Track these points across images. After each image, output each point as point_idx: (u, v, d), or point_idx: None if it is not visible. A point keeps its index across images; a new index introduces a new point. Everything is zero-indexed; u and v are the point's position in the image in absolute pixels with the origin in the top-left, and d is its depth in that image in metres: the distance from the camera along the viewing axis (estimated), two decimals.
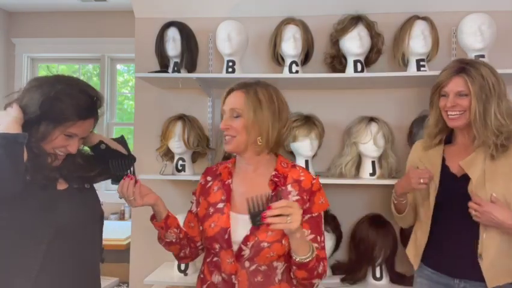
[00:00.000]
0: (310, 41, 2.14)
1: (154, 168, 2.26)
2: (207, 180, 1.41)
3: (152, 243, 2.34)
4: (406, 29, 2.04)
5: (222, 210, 1.31)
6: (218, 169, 1.41)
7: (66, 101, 1.20)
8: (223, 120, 1.33)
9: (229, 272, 1.26)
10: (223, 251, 1.27)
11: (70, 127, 1.22)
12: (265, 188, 1.29)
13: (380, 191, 2.15)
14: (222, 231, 1.27)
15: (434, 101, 1.55)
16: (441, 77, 1.51)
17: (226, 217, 1.29)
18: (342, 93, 2.25)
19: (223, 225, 1.28)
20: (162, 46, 2.18)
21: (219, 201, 1.33)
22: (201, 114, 2.28)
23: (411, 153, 1.72)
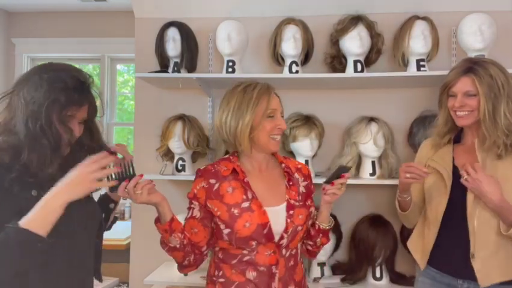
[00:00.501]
0: (310, 41, 2.14)
1: (154, 168, 2.26)
2: (211, 182, 1.37)
3: (152, 243, 2.34)
4: (406, 29, 2.04)
5: (249, 208, 1.32)
6: (219, 170, 1.38)
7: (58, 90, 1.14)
8: (278, 119, 1.37)
9: (269, 263, 1.32)
10: (261, 245, 1.31)
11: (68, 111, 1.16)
12: (280, 181, 1.43)
13: (380, 191, 2.15)
14: (260, 227, 1.30)
15: (443, 100, 1.54)
16: (450, 77, 1.50)
17: (261, 213, 1.31)
18: (342, 93, 2.25)
19: (261, 221, 1.30)
20: (162, 46, 2.18)
21: (241, 200, 1.33)
22: (201, 114, 2.28)
23: (419, 151, 1.69)
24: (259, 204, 1.33)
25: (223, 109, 1.39)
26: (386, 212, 2.10)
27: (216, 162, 1.44)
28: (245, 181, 1.36)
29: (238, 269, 1.33)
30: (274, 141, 1.38)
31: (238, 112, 1.34)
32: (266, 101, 1.35)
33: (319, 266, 2.09)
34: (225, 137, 1.39)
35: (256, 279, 1.31)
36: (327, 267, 2.11)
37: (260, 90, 1.36)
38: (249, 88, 1.38)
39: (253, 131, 1.34)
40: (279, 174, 1.46)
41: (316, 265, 2.09)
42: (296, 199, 1.40)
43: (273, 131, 1.36)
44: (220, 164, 1.41)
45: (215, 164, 1.42)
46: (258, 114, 1.33)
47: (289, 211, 1.37)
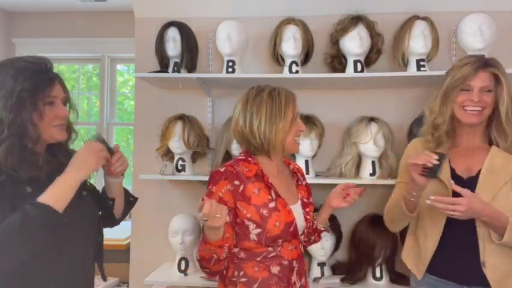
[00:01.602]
0: (310, 41, 2.14)
1: (154, 168, 2.26)
2: (236, 184, 1.35)
3: (152, 243, 2.35)
4: (406, 29, 2.04)
5: (276, 207, 1.36)
6: (241, 171, 1.37)
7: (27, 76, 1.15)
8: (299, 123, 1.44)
9: (292, 258, 1.39)
10: (286, 242, 1.38)
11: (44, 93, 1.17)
12: (291, 181, 1.52)
13: (380, 191, 2.15)
14: (288, 226, 1.36)
15: (451, 97, 1.46)
16: (465, 71, 1.43)
17: (286, 212, 1.37)
18: (342, 93, 2.25)
19: (287, 219, 1.37)
20: (162, 46, 2.18)
21: (268, 201, 1.36)
22: (201, 114, 2.28)
23: (407, 152, 1.62)
24: (284, 203, 1.39)
25: (254, 115, 1.39)
26: None
27: (233, 162, 1.42)
28: (270, 182, 1.39)
29: (264, 264, 1.36)
30: (297, 144, 1.45)
31: (271, 119, 1.37)
32: (293, 107, 1.41)
33: (319, 266, 2.09)
34: (257, 142, 1.39)
35: (280, 273, 1.36)
36: (327, 267, 2.11)
37: (286, 96, 1.42)
38: (274, 93, 1.41)
39: (284, 136, 1.40)
40: (289, 174, 1.54)
41: (316, 265, 2.09)
42: (306, 197, 1.53)
43: (297, 134, 1.44)
44: (240, 165, 1.40)
45: (233, 164, 1.40)
46: (287, 120, 1.39)
47: (305, 208, 1.48)
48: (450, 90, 1.47)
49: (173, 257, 2.17)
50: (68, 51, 4.38)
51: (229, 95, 2.32)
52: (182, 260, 2.10)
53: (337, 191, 1.55)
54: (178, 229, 2.05)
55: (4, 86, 1.14)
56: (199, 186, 2.26)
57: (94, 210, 1.37)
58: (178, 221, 2.08)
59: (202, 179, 2.11)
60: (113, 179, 1.41)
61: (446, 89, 1.48)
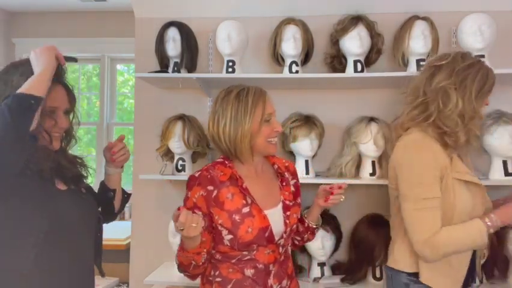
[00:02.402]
0: (310, 41, 2.14)
1: (154, 168, 2.26)
2: (209, 189, 1.34)
3: (152, 243, 2.35)
4: (406, 29, 2.04)
5: (250, 213, 1.32)
6: (215, 175, 1.35)
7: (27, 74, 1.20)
8: (274, 123, 1.38)
9: (268, 262, 1.35)
10: (261, 247, 1.34)
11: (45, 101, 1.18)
12: (273, 182, 1.46)
13: (380, 191, 2.15)
14: (262, 231, 1.32)
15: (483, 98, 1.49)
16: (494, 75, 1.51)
17: (261, 217, 1.33)
18: (342, 93, 2.25)
19: (262, 225, 1.32)
20: (162, 46, 2.18)
21: (241, 206, 1.33)
22: (201, 114, 2.28)
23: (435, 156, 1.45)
24: (259, 208, 1.34)
25: (219, 117, 1.36)
26: (386, 212, 2.10)
27: (209, 166, 1.41)
28: (244, 187, 1.36)
29: (237, 267, 1.34)
30: (272, 145, 1.39)
31: (236, 121, 1.33)
32: (262, 107, 1.36)
33: (319, 266, 2.09)
34: (224, 146, 1.36)
35: (254, 275, 1.34)
36: (327, 267, 2.11)
37: (254, 96, 1.36)
38: (242, 94, 1.36)
39: (252, 137, 1.35)
40: (273, 175, 1.48)
41: (316, 265, 2.09)
42: (290, 199, 1.45)
43: (270, 135, 1.38)
44: (216, 169, 1.38)
45: (209, 168, 1.39)
46: (256, 121, 1.34)
47: (286, 212, 1.41)
48: (486, 92, 1.50)
49: (173, 257, 2.16)
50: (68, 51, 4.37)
51: None
52: None
53: (322, 191, 1.50)
54: None
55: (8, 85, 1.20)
56: None
57: (94, 208, 1.39)
58: None
59: None
60: (114, 169, 1.48)
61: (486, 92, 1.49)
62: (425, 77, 1.54)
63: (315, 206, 1.53)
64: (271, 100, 1.42)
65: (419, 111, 1.52)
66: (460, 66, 1.47)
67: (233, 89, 1.40)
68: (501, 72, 1.88)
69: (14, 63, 1.28)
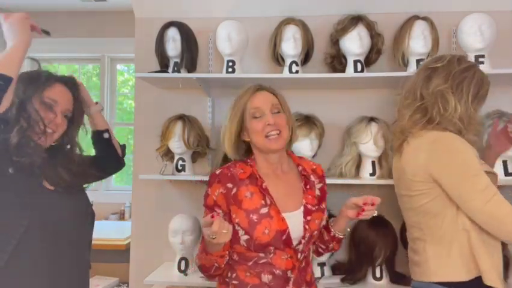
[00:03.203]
0: (310, 41, 2.14)
1: (154, 168, 2.26)
2: (228, 187, 1.33)
3: (152, 243, 2.35)
4: (406, 29, 2.04)
5: (268, 214, 1.29)
6: (236, 173, 1.36)
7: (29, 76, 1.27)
8: (266, 116, 1.34)
9: (285, 267, 1.31)
10: (279, 250, 1.30)
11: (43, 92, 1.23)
12: (297, 184, 1.40)
13: (380, 191, 2.14)
14: (279, 234, 1.28)
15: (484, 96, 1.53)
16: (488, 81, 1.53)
17: (279, 219, 1.29)
18: (342, 93, 2.25)
19: (279, 227, 1.28)
20: (162, 46, 2.18)
21: (259, 206, 1.30)
22: (201, 114, 2.28)
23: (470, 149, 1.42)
24: (278, 210, 1.31)
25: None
26: (386, 212, 2.10)
27: (231, 164, 1.40)
28: (263, 187, 1.33)
29: (254, 271, 1.31)
30: (270, 140, 1.34)
31: (228, 118, 1.38)
32: (247, 102, 1.36)
33: (319, 266, 2.09)
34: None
35: (272, 282, 1.30)
36: (327, 267, 2.11)
37: (243, 92, 1.38)
38: (242, 91, 1.41)
39: (249, 135, 1.36)
40: (296, 176, 1.43)
41: (316, 265, 2.09)
42: (313, 203, 1.39)
43: (265, 130, 1.33)
44: (237, 167, 1.37)
45: (230, 166, 1.38)
46: (246, 118, 1.35)
47: (307, 216, 1.35)
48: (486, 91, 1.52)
49: (173, 257, 2.17)
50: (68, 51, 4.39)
51: (229, 95, 2.29)
52: (182, 260, 2.10)
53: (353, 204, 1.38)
54: (178, 229, 2.05)
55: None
56: (199, 186, 2.26)
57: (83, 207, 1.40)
58: (178, 221, 2.08)
59: (202, 179, 2.10)
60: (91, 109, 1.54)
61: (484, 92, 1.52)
62: (421, 79, 1.53)
63: (343, 217, 1.42)
64: (268, 94, 1.40)
65: (421, 115, 1.50)
66: (456, 70, 1.47)
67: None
68: (501, 72, 1.88)
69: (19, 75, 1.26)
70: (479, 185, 1.34)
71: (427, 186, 1.43)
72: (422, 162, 1.43)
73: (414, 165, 1.46)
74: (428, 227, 1.46)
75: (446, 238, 1.42)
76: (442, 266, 1.42)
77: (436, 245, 1.44)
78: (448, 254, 1.41)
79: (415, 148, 1.48)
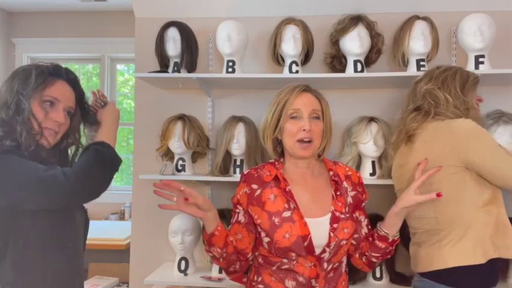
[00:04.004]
0: (310, 41, 2.14)
1: (154, 168, 2.26)
2: (253, 188, 1.33)
3: (152, 243, 2.35)
4: (406, 29, 2.04)
5: (291, 218, 1.26)
6: (262, 175, 1.35)
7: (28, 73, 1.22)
8: (303, 120, 1.29)
9: (309, 276, 1.26)
10: (301, 257, 1.26)
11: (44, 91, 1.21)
12: (326, 190, 1.34)
13: (380, 191, 2.15)
14: (300, 240, 1.24)
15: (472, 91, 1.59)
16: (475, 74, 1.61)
17: (302, 225, 1.25)
18: (342, 93, 2.25)
19: (301, 233, 1.24)
20: (162, 46, 2.18)
21: (282, 209, 1.27)
22: (201, 114, 2.28)
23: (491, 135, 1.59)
24: (301, 215, 1.26)
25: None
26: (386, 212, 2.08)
27: (260, 166, 1.39)
28: (287, 190, 1.29)
29: (278, 276, 1.29)
30: (300, 146, 1.29)
31: (268, 113, 1.35)
32: (288, 100, 1.30)
33: None
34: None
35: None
36: None
37: (288, 89, 1.34)
38: (285, 88, 1.36)
39: (281, 134, 1.33)
40: (326, 182, 1.37)
41: None
42: (342, 211, 1.31)
43: (298, 134, 1.29)
44: (264, 169, 1.36)
45: (258, 168, 1.38)
46: (284, 115, 1.31)
47: (333, 224, 1.28)
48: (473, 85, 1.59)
49: (173, 257, 2.17)
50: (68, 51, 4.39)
51: (229, 95, 2.32)
52: (182, 260, 2.11)
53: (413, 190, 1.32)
54: (178, 229, 2.05)
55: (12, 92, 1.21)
56: (199, 186, 2.26)
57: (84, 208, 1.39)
58: (178, 221, 2.08)
59: (202, 179, 2.11)
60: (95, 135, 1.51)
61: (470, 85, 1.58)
62: (409, 92, 1.67)
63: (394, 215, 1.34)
64: (309, 97, 1.33)
65: (416, 113, 1.57)
66: (436, 72, 1.59)
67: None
68: (501, 72, 1.88)
69: (15, 70, 1.26)
70: (504, 154, 1.45)
71: (451, 171, 1.45)
72: (449, 149, 1.45)
73: (436, 152, 1.47)
74: (444, 215, 1.48)
75: (463, 223, 1.45)
76: (459, 251, 1.44)
77: (452, 231, 1.46)
78: (465, 238, 1.43)
79: (432, 137, 1.50)
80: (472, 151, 1.43)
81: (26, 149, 1.15)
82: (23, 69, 1.24)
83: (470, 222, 1.44)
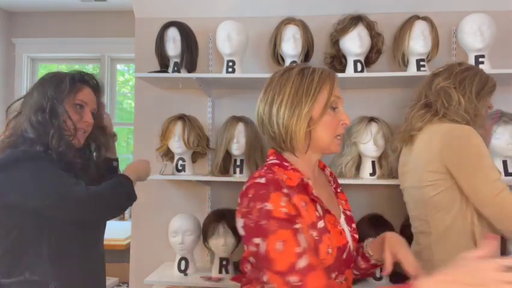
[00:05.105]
0: (310, 41, 2.14)
1: (154, 168, 2.25)
2: (286, 193, 0.99)
3: (152, 243, 2.35)
4: (406, 29, 2.04)
5: (325, 228, 1.03)
6: (281, 180, 1.01)
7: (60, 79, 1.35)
8: (343, 114, 1.11)
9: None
10: (340, 275, 1.06)
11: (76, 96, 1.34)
12: (328, 187, 1.20)
13: (380, 191, 2.15)
14: (340, 252, 1.04)
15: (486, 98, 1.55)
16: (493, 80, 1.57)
17: (337, 232, 1.05)
18: (342, 93, 2.22)
19: (339, 243, 1.04)
20: (162, 46, 2.18)
21: (316, 219, 1.02)
22: (201, 114, 2.28)
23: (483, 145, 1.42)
24: (334, 220, 1.06)
25: (275, 95, 1.08)
26: (386, 212, 2.10)
27: (266, 168, 1.08)
28: (315, 195, 1.05)
29: None
30: (338, 141, 1.11)
31: (295, 99, 1.04)
32: (329, 87, 1.07)
33: None
34: (273, 130, 1.08)
35: None
36: None
37: (322, 74, 1.08)
38: (307, 70, 1.08)
39: (312, 124, 1.06)
40: (326, 179, 1.22)
41: None
42: (349, 209, 1.19)
43: (338, 129, 1.10)
44: (277, 172, 1.06)
45: (267, 170, 1.06)
46: (319, 104, 1.06)
47: (352, 224, 1.15)
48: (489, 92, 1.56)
49: (173, 257, 2.17)
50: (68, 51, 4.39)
51: (229, 95, 2.32)
52: (182, 260, 2.11)
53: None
54: (178, 229, 2.05)
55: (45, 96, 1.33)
56: (199, 186, 2.26)
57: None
58: (178, 221, 2.08)
59: (202, 179, 2.11)
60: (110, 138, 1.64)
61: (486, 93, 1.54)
62: (425, 83, 1.60)
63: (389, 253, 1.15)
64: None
65: (425, 110, 1.54)
66: (457, 70, 1.54)
67: (295, 66, 1.12)
68: (501, 72, 1.88)
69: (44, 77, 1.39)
70: (490, 177, 1.35)
71: (439, 177, 1.42)
72: (436, 153, 1.42)
73: (428, 155, 1.45)
74: (434, 220, 1.46)
75: (453, 232, 1.42)
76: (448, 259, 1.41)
77: (441, 239, 1.44)
78: (454, 248, 1.41)
79: (428, 139, 1.48)
80: (451, 160, 1.39)
81: (55, 151, 1.25)
82: (52, 75, 1.37)
83: (459, 231, 1.42)
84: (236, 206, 1.02)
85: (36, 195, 1.18)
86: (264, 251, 0.92)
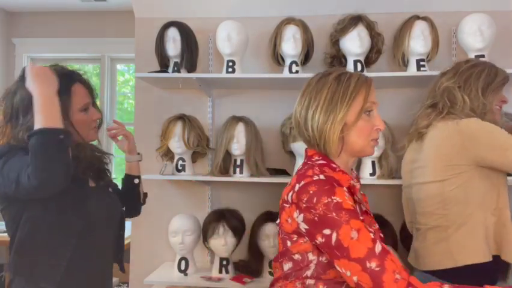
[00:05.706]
0: (310, 41, 2.14)
1: (154, 168, 2.26)
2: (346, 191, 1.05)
3: (152, 243, 2.35)
4: (406, 29, 2.04)
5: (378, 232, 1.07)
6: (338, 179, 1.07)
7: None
8: (378, 119, 1.14)
9: None
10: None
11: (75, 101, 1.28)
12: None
13: (380, 191, 2.15)
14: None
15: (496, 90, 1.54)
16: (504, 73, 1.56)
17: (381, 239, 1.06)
18: None
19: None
20: (162, 46, 2.18)
21: (368, 223, 1.06)
22: (201, 114, 2.28)
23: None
24: (370, 220, 1.10)
25: (312, 99, 1.12)
26: (386, 212, 2.10)
27: (317, 168, 1.10)
28: (359, 197, 1.09)
29: None
30: (373, 144, 1.14)
31: (331, 105, 1.09)
32: (365, 93, 1.12)
33: None
34: (308, 134, 1.12)
35: None
36: None
37: (358, 80, 1.13)
38: (343, 77, 1.13)
39: (346, 129, 1.10)
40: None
41: None
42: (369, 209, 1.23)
43: (371, 134, 1.13)
44: (328, 172, 1.09)
45: (320, 169, 1.09)
46: (354, 109, 1.10)
47: (375, 224, 1.19)
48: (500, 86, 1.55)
49: (173, 257, 2.17)
50: (68, 51, 4.38)
51: (229, 95, 2.32)
52: (182, 260, 2.11)
53: None
54: (178, 229, 2.05)
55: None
56: (199, 186, 2.26)
57: (118, 204, 1.45)
58: (178, 221, 2.08)
59: (202, 179, 2.11)
60: (131, 157, 1.60)
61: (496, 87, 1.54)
62: (433, 83, 1.61)
63: None
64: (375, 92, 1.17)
65: (431, 110, 1.56)
66: (463, 67, 1.54)
67: (333, 71, 1.16)
68: None
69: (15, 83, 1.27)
70: None
71: (461, 170, 1.45)
72: (459, 148, 1.45)
73: (448, 150, 1.47)
74: (452, 213, 1.47)
75: (471, 222, 1.45)
76: (468, 250, 1.44)
77: (459, 229, 1.46)
78: (472, 237, 1.44)
79: (441, 139, 1.50)
80: (482, 149, 1.43)
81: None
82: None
83: (477, 221, 1.45)
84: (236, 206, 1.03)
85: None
86: (337, 241, 0.97)
